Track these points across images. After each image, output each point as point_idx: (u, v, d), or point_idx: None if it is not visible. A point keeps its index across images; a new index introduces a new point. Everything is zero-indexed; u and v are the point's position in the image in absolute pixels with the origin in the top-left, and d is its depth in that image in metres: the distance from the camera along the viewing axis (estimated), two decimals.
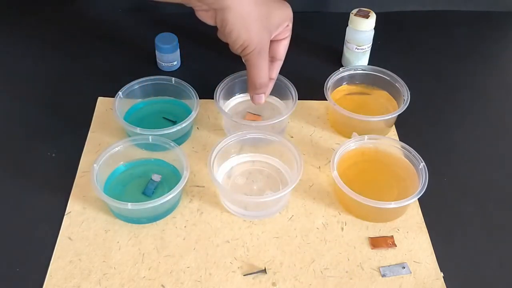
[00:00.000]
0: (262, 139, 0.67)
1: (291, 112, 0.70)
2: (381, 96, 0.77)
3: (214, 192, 0.66)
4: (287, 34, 0.61)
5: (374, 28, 0.79)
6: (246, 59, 0.60)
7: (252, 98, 0.67)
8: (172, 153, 0.65)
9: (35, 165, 0.68)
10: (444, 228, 0.63)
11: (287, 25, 0.60)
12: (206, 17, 0.59)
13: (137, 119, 0.72)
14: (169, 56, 0.80)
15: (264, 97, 0.65)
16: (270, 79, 0.64)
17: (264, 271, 0.58)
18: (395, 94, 0.75)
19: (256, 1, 0.55)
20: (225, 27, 0.55)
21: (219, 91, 0.71)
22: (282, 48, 0.62)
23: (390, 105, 0.75)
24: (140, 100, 0.74)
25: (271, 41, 0.61)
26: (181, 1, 0.57)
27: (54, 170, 0.67)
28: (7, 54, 0.84)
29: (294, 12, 0.64)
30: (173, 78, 0.73)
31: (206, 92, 0.73)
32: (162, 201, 0.59)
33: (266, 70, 0.62)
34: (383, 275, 0.58)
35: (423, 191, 0.61)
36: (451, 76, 0.85)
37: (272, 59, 0.62)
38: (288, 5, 0.61)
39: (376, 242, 0.61)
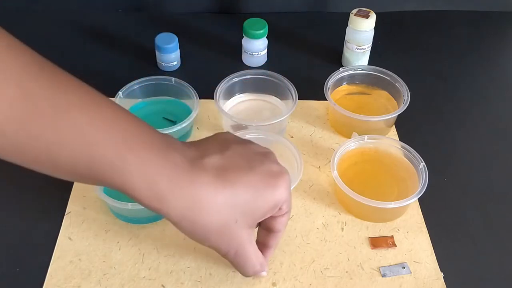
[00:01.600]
0: (262, 139, 0.67)
1: (291, 112, 0.70)
2: (381, 96, 0.77)
3: None
4: (284, 212, 0.49)
5: (374, 28, 0.79)
6: (225, 258, 0.50)
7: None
8: None
9: None
10: (444, 228, 0.63)
11: (280, 209, 0.48)
12: None
13: None
14: (169, 56, 0.80)
15: (264, 273, 0.53)
16: (269, 247, 0.52)
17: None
18: (395, 94, 0.75)
19: (216, 208, 0.43)
20: (185, 233, 0.45)
21: (219, 91, 0.71)
22: (279, 224, 0.50)
23: (390, 105, 0.75)
24: (140, 100, 0.74)
25: (271, 218, 0.49)
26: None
27: None
28: None
29: (294, 12, 0.63)
30: (173, 78, 0.73)
31: (206, 92, 0.73)
32: None
33: (253, 262, 0.50)
34: (383, 275, 0.58)
35: (423, 191, 0.61)
36: (451, 76, 0.85)
37: (268, 229, 0.51)
38: (280, 182, 0.47)
39: (376, 242, 0.61)
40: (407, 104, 0.70)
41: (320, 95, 0.72)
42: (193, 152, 0.44)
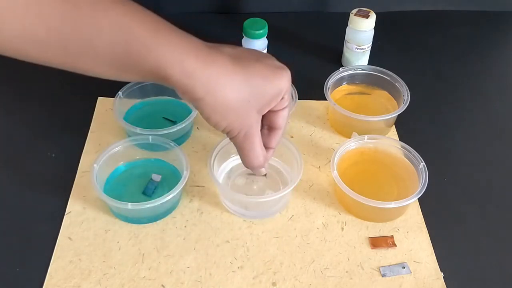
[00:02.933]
0: None
1: (291, 112, 0.70)
2: (381, 96, 0.77)
3: (214, 192, 0.66)
4: (285, 104, 0.54)
5: (374, 28, 0.79)
6: (232, 142, 0.54)
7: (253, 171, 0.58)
8: (172, 153, 0.65)
9: (35, 165, 0.68)
10: (444, 228, 0.63)
11: (282, 98, 0.53)
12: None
13: (137, 119, 0.72)
14: None
15: (264, 170, 0.57)
16: (269, 148, 0.56)
17: (264, 175, 0.62)
18: (395, 94, 0.75)
19: (234, 85, 0.48)
20: (202, 114, 0.50)
21: None
22: (280, 119, 0.54)
23: (390, 105, 0.75)
24: (140, 100, 0.74)
25: (268, 112, 0.53)
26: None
27: (54, 170, 0.67)
28: None
29: (294, 12, 0.64)
30: None
31: None
32: (162, 201, 0.59)
33: (258, 151, 0.54)
34: (383, 275, 0.58)
35: (423, 191, 0.61)
36: (451, 76, 0.85)
37: (270, 128, 0.55)
38: (284, 73, 0.52)
39: (376, 242, 0.61)
40: (407, 104, 0.70)
41: (320, 95, 0.72)
42: (209, 44, 0.50)
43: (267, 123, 0.55)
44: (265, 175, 0.65)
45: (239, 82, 0.49)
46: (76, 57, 0.45)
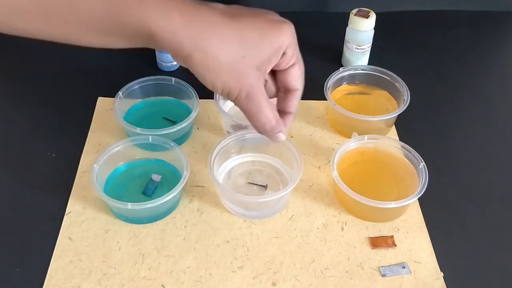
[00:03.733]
0: (262, 139, 0.67)
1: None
2: (381, 96, 0.77)
3: (214, 192, 0.66)
4: (291, 61, 0.50)
5: (374, 28, 0.79)
6: (237, 106, 0.50)
7: (269, 137, 0.53)
8: (172, 153, 0.65)
9: (35, 165, 0.68)
10: (444, 228, 0.63)
11: (284, 53, 0.48)
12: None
13: (137, 119, 0.72)
14: (169, 56, 0.79)
15: (282, 135, 0.52)
16: (288, 112, 0.52)
17: (265, 186, 0.64)
18: (395, 94, 0.75)
19: (223, 40, 0.45)
20: (196, 75, 0.46)
21: None
22: (290, 77, 0.51)
23: (390, 105, 0.75)
24: (140, 100, 0.74)
25: (276, 72, 0.50)
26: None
27: (54, 170, 0.67)
28: (7, 54, 0.84)
29: (294, 12, 0.64)
30: (173, 78, 0.73)
31: (206, 92, 0.72)
32: (162, 201, 0.59)
33: (266, 112, 0.50)
34: (383, 275, 0.58)
35: (423, 191, 0.61)
36: (451, 76, 0.85)
37: (285, 90, 0.52)
38: (284, 27, 0.48)
39: (376, 242, 0.61)
40: (407, 104, 0.70)
41: (320, 95, 0.72)
42: (200, 1, 0.46)
43: (280, 85, 0.51)
44: (266, 186, 0.65)
45: (229, 36, 0.45)
46: (60, 25, 0.44)
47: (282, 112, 0.53)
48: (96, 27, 0.44)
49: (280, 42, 0.47)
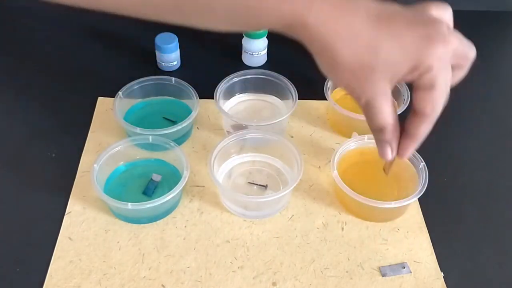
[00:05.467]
0: (262, 139, 0.67)
1: (291, 112, 0.70)
2: None
3: (214, 192, 0.66)
4: (426, 83, 0.43)
5: None
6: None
7: (378, 148, 0.51)
8: (172, 153, 0.65)
9: (35, 165, 0.68)
10: (444, 228, 0.63)
11: (421, 75, 0.42)
12: None
13: (137, 119, 0.72)
14: (169, 56, 0.80)
15: (389, 150, 0.49)
16: (409, 134, 0.47)
17: (265, 186, 0.64)
18: (395, 94, 0.75)
19: (355, 47, 0.41)
20: (319, 66, 0.45)
21: (219, 91, 0.71)
22: (420, 100, 0.44)
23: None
24: (140, 100, 0.74)
25: (414, 88, 0.45)
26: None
27: (54, 170, 0.67)
28: (8, 53, 0.84)
29: None
30: (173, 78, 0.73)
31: (206, 92, 0.73)
32: (162, 201, 0.59)
33: (385, 114, 0.45)
34: (383, 275, 0.58)
35: (423, 191, 0.61)
36: None
37: (412, 109, 0.46)
38: (436, 46, 0.42)
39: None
40: (407, 104, 0.70)
41: (320, 95, 0.72)
42: None
43: (413, 100, 0.46)
44: (266, 186, 0.65)
45: (364, 45, 0.41)
46: (193, 18, 0.44)
47: (405, 132, 0.48)
48: (232, 21, 0.45)
49: (419, 61, 0.42)
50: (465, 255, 0.61)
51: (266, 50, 0.82)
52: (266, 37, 0.81)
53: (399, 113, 0.70)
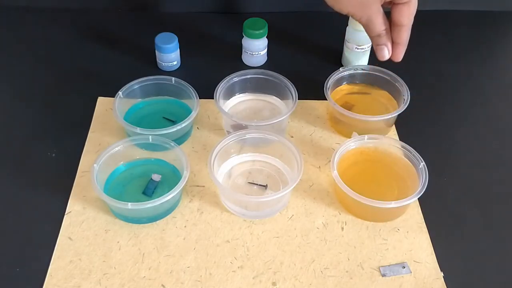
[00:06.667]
0: (262, 139, 0.67)
1: (291, 112, 0.70)
2: (381, 96, 0.77)
3: (214, 192, 0.66)
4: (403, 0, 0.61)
5: None
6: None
7: (375, 52, 0.66)
8: (172, 153, 0.65)
9: (35, 165, 0.68)
10: (444, 228, 0.63)
11: None
12: None
13: (137, 119, 0.72)
14: (169, 56, 0.80)
15: (386, 51, 0.65)
16: (396, 43, 0.64)
17: (265, 186, 0.65)
18: (395, 94, 0.75)
19: None
20: (327, 2, 0.63)
21: (219, 91, 0.71)
22: (398, 14, 0.62)
23: (390, 105, 0.75)
24: (140, 100, 0.74)
25: (392, 4, 0.62)
26: None
27: (54, 170, 0.67)
28: (7, 53, 0.84)
29: (294, 12, 0.64)
30: (173, 78, 0.73)
31: (206, 92, 0.73)
32: (162, 201, 0.59)
33: (378, 26, 0.63)
34: (383, 275, 0.58)
35: (423, 191, 0.61)
36: (451, 76, 0.85)
37: (393, 23, 0.63)
38: None
39: None
40: (407, 104, 0.70)
41: (320, 95, 0.72)
42: None
43: (392, 17, 0.62)
44: (266, 186, 0.66)
45: None
46: None
47: (394, 42, 0.64)
48: None
49: None
50: (465, 255, 0.61)
51: (266, 50, 0.82)
52: (266, 37, 0.81)
53: (399, 113, 0.70)
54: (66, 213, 0.62)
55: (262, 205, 0.64)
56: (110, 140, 0.70)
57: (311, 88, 0.76)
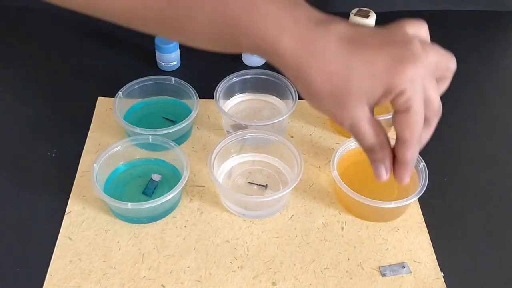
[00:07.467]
0: (262, 139, 0.67)
1: (291, 112, 0.70)
2: None
3: (214, 192, 0.66)
4: (401, 106, 0.43)
5: None
6: None
7: (373, 170, 0.48)
8: (172, 153, 0.65)
9: (35, 165, 0.68)
10: (444, 228, 0.63)
11: (395, 98, 0.42)
12: None
13: (137, 119, 0.72)
14: (169, 56, 0.80)
15: (383, 170, 0.47)
16: (398, 162, 0.46)
17: (265, 186, 0.65)
18: None
19: (328, 73, 0.41)
20: (299, 93, 0.45)
21: (219, 91, 0.71)
22: (399, 127, 0.44)
23: (390, 105, 0.75)
24: (140, 100, 0.74)
25: (393, 112, 0.45)
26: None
27: (54, 170, 0.67)
28: (7, 53, 0.84)
29: None
30: (173, 78, 0.73)
31: (206, 92, 0.73)
32: (162, 201, 0.59)
33: (369, 140, 0.45)
34: (383, 275, 0.58)
35: (423, 191, 0.61)
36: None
37: (396, 136, 0.46)
38: (407, 69, 0.41)
39: None
40: None
41: None
42: (322, 16, 0.45)
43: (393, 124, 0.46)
44: (266, 186, 0.66)
45: (336, 72, 0.41)
46: (175, 31, 0.47)
47: (396, 159, 0.47)
48: (211, 36, 0.44)
49: (393, 84, 0.41)
50: (465, 255, 0.61)
51: None
52: None
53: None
54: (66, 213, 0.62)
55: (262, 205, 0.64)
56: (110, 140, 0.70)
57: None
